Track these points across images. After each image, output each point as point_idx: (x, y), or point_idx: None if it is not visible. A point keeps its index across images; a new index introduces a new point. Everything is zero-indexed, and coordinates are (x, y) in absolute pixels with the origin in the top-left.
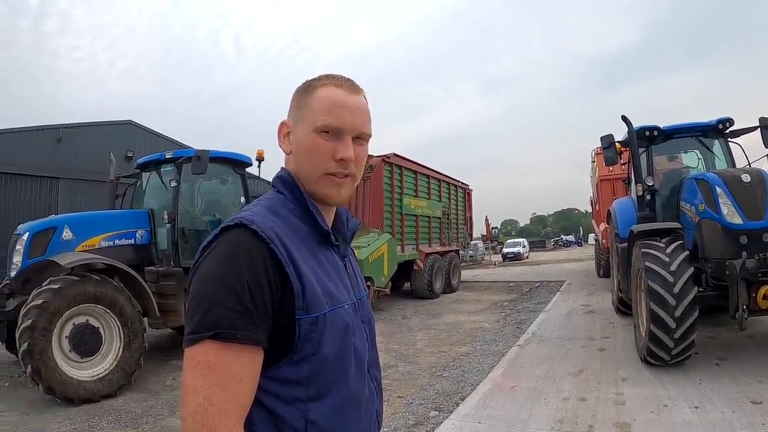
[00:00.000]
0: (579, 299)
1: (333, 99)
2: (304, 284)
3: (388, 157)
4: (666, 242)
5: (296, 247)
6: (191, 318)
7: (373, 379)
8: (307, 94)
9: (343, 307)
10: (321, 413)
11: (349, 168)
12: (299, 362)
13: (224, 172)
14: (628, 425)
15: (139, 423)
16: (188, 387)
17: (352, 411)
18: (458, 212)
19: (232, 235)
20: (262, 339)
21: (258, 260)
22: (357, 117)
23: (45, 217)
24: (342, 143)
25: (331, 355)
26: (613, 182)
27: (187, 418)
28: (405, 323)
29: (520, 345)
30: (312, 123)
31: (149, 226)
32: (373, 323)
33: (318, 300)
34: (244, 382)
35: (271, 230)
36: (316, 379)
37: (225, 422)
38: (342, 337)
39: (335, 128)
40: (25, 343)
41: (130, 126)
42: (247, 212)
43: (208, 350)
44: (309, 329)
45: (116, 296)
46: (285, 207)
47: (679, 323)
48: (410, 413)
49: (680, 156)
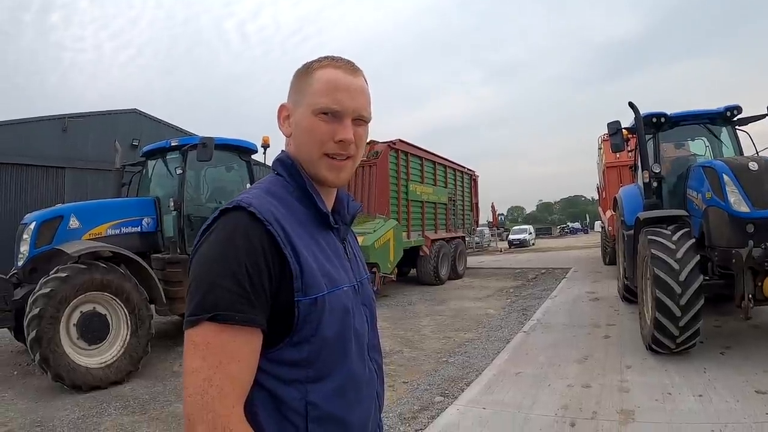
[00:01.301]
0: (585, 286)
1: (332, 80)
2: (302, 266)
3: (393, 143)
4: (672, 230)
5: (295, 230)
6: (191, 300)
7: (374, 362)
8: (306, 76)
9: (342, 289)
10: (321, 395)
11: (349, 149)
12: (299, 344)
13: (230, 159)
14: (632, 412)
15: (146, 408)
16: (188, 369)
17: (352, 393)
18: (464, 198)
19: (230, 217)
20: (260, 321)
21: (256, 242)
22: (356, 99)
23: (51, 207)
24: (341, 125)
25: (330, 337)
26: (620, 169)
27: (188, 400)
28: (411, 309)
29: (526, 331)
30: (311, 105)
31: (155, 214)
32: (373, 306)
33: (317, 281)
34: (243, 364)
35: (269, 212)
36: (316, 361)
37: (225, 403)
38: (341, 318)
39: (334, 110)
40: (33, 332)
41: (136, 114)
42: (245, 195)
43: (207, 332)
44: (308, 311)
45: (123, 284)
46: (284, 189)
47: (684, 311)
48: (415, 398)
49: (687, 143)
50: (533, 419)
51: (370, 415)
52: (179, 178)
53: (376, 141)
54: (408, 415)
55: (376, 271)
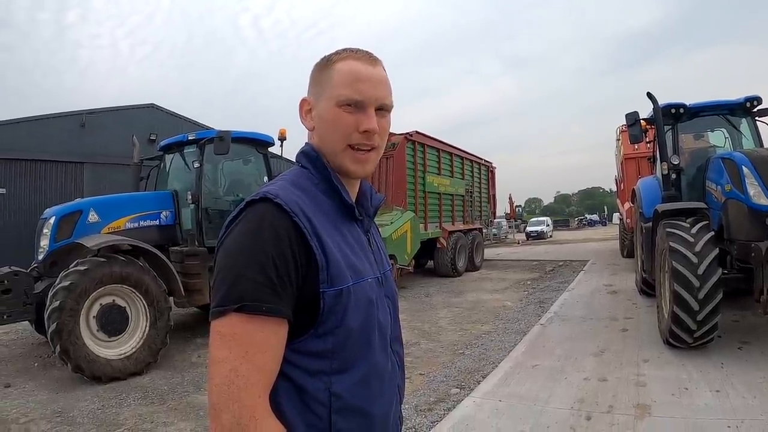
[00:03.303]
0: (602, 279)
1: (353, 72)
2: (328, 257)
3: (410, 134)
4: (691, 222)
5: (320, 221)
6: (217, 291)
7: (395, 354)
8: (327, 69)
9: (367, 281)
10: (345, 386)
11: (373, 139)
12: (323, 335)
13: (247, 152)
14: (648, 407)
15: (165, 399)
16: (215, 359)
17: (375, 384)
18: (481, 190)
19: (256, 209)
20: (287, 311)
21: (282, 233)
22: (378, 88)
23: (71, 201)
24: (365, 115)
25: (355, 328)
26: (638, 161)
27: (214, 389)
28: (428, 301)
29: (543, 324)
30: (334, 97)
31: (173, 207)
32: (396, 298)
33: (342, 273)
34: (269, 354)
35: (295, 204)
36: (340, 352)
37: (251, 393)
38: (366, 310)
39: (357, 101)
40: (53, 324)
41: (153, 109)
42: (271, 186)
43: (234, 323)
44: (333, 302)
45: (142, 276)
46: (309, 181)
47: (702, 305)
48: (432, 390)
49: (707, 134)
50: (549, 412)
51: (392, 407)
52: (197, 172)
53: (393, 133)
54: (424, 407)
55: (394, 263)
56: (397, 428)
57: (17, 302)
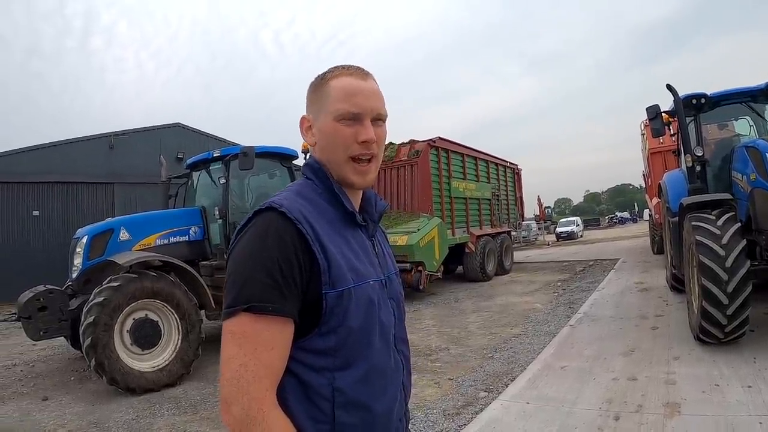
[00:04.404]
0: (633, 277)
1: (347, 87)
2: (329, 261)
3: (433, 141)
4: (717, 214)
5: (323, 228)
6: (228, 294)
7: (400, 353)
8: (322, 87)
9: (369, 283)
10: (347, 381)
11: (372, 148)
12: (327, 333)
13: (271, 166)
14: (678, 405)
15: (197, 409)
16: (225, 356)
17: (377, 381)
18: (508, 193)
19: (263, 217)
20: (292, 311)
21: (287, 239)
22: (372, 100)
23: (102, 221)
24: (362, 126)
25: (355, 327)
26: (664, 154)
27: (225, 383)
28: (457, 306)
29: (572, 325)
30: (332, 112)
31: (202, 223)
32: (401, 300)
33: (343, 275)
34: (276, 351)
35: (299, 212)
36: (342, 349)
37: (259, 387)
38: (367, 310)
39: (354, 113)
40: (88, 338)
41: (179, 128)
42: (277, 197)
43: (243, 322)
44: (335, 303)
45: (173, 291)
46: (313, 191)
47: (731, 299)
48: (460, 395)
49: (731, 123)
50: (577, 413)
51: (395, 405)
52: (223, 188)
53: (416, 140)
54: (452, 411)
55: (422, 270)
56: (402, 425)
57: (53, 319)
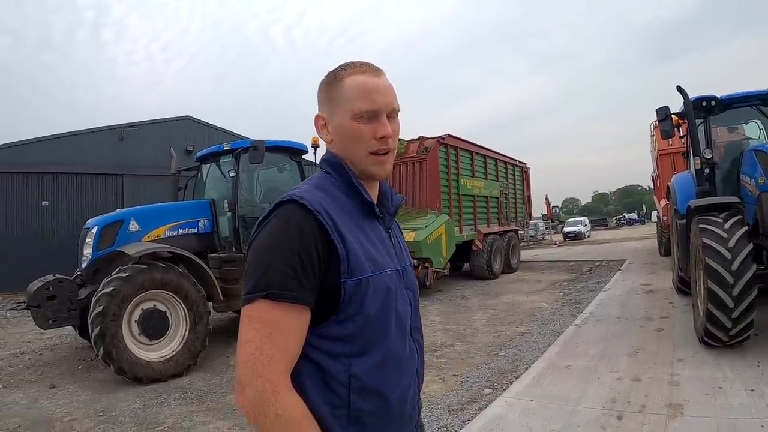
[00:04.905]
0: (639, 278)
1: (362, 85)
2: (348, 250)
3: (443, 138)
4: (724, 217)
5: (342, 219)
6: (248, 281)
7: (416, 342)
8: (336, 85)
9: (386, 272)
10: (363, 368)
11: (389, 143)
12: (344, 321)
13: (281, 160)
14: (681, 406)
15: (204, 400)
16: (243, 339)
17: (392, 368)
18: (516, 191)
19: (284, 209)
20: (309, 299)
21: (307, 230)
22: (386, 96)
23: (112, 212)
24: (379, 122)
25: (372, 315)
26: (673, 156)
27: (241, 366)
28: (464, 303)
29: (577, 324)
30: (348, 111)
31: (211, 216)
32: (416, 291)
33: (361, 264)
34: (291, 337)
35: (319, 204)
36: (359, 337)
37: (272, 369)
38: (384, 299)
39: (371, 111)
40: (97, 328)
41: (189, 121)
42: (297, 190)
43: (261, 308)
44: (353, 291)
45: (182, 282)
46: (332, 184)
47: (737, 302)
48: (465, 391)
49: (741, 127)
50: (580, 412)
51: (409, 393)
52: (233, 181)
53: (425, 137)
54: (456, 407)
55: (429, 266)
56: (415, 413)
57: (62, 308)
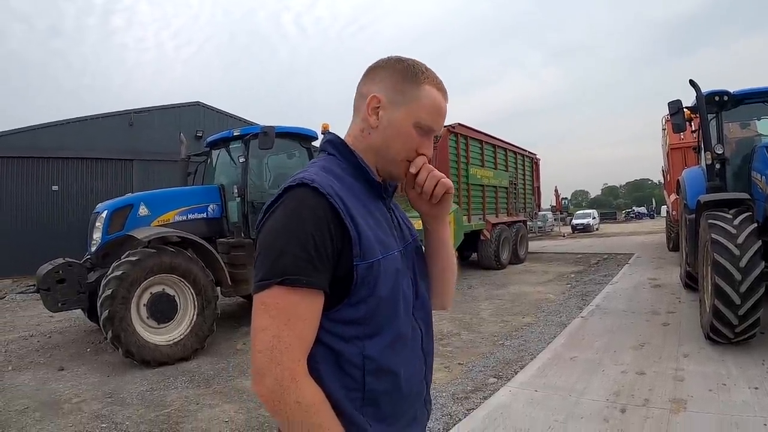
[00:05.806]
0: (647, 272)
1: (436, 103)
2: (360, 234)
3: (453, 126)
4: (734, 214)
5: (351, 201)
6: (260, 267)
7: (419, 321)
8: (414, 85)
9: (393, 254)
10: (376, 349)
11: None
12: (357, 304)
13: (291, 146)
14: (684, 402)
15: (210, 383)
16: (258, 327)
17: (401, 348)
18: (525, 182)
19: (295, 193)
20: (323, 284)
21: (321, 214)
22: (443, 122)
23: (122, 196)
24: (428, 140)
25: (384, 297)
26: (684, 151)
27: (257, 354)
28: (470, 293)
29: (584, 317)
30: (415, 117)
31: (220, 201)
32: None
33: (372, 247)
34: (308, 322)
35: (330, 187)
36: (372, 319)
37: (292, 357)
38: (394, 280)
39: (431, 129)
40: (105, 311)
41: (199, 107)
42: (305, 173)
43: (276, 294)
44: (365, 274)
45: (190, 266)
46: (338, 166)
47: (744, 299)
48: (469, 380)
49: (754, 123)
50: (584, 403)
51: (415, 368)
52: (242, 166)
53: None
54: (461, 395)
55: None
56: (423, 388)
57: (71, 291)
